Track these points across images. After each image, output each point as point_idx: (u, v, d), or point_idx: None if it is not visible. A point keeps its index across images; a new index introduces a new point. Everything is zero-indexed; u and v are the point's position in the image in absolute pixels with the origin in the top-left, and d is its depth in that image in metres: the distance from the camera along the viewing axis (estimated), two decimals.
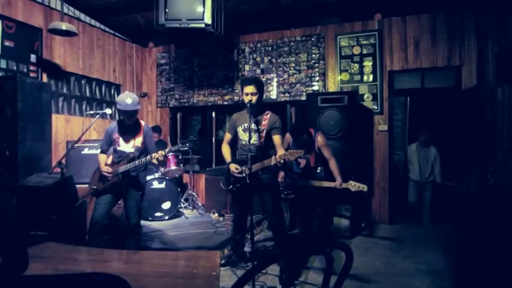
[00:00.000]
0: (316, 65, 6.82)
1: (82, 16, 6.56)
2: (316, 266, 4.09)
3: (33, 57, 5.58)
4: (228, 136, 4.15)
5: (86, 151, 5.33)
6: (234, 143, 4.16)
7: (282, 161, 3.67)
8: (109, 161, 4.04)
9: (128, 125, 3.95)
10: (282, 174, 4.38)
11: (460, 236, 4.98)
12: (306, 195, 4.52)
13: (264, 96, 6.65)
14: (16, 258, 1.54)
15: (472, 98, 5.59)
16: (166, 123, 8.01)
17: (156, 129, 7.10)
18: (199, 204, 6.83)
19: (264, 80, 7.03)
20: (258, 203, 4.07)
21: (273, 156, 3.70)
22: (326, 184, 4.40)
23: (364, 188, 4.23)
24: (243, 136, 3.92)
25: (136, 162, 3.81)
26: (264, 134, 3.87)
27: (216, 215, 6.26)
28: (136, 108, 3.88)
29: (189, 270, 1.98)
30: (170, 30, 5.61)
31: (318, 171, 4.67)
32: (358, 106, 6.03)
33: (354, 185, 4.28)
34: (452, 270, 3.95)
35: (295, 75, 6.97)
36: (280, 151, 3.75)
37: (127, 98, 3.82)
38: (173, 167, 6.51)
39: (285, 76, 7.03)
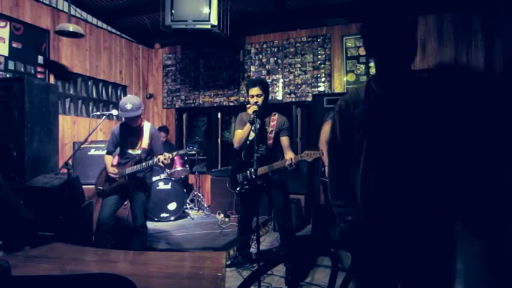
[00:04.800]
0: (322, 65, 6.81)
1: (89, 18, 6.60)
2: (323, 267, 4.08)
3: (40, 59, 5.62)
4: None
5: (92, 152, 5.35)
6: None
7: (295, 163, 3.65)
8: (115, 162, 4.05)
9: (134, 127, 3.97)
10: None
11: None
12: None
13: (270, 97, 6.69)
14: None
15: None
16: (172, 124, 8.03)
17: (163, 129, 7.13)
18: (205, 205, 6.84)
19: (269, 81, 7.03)
20: (264, 204, 4.05)
21: (288, 157, 3.67)
22: None
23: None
24: (251, 137, 3.89)
25: (143, 164, 3.83)
26: (272, 135, 3.86)
27: (222, 215, 6.26)
28: (137, 114, 3.85)
29: (194, 271, 1.98)
30: (176, 31, 5.62)
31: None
32: None
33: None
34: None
35: (301, 76, 6.96)
36: (289, 153, 3.75)
37: (127, 104, 3.79)
38: (179, 168, 6.53)
39: (291, 77, 7.03)
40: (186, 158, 6.71)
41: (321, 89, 6.80)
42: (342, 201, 1.75)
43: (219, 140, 7.90)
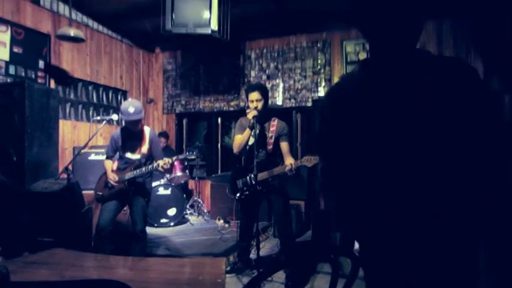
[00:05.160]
0: (322, 70, 6.82)
1: (90, 22, 6.61)
2: (323, 273, 4.06)
3: (41, 64, 5.63)
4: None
5: (92, 157, 5.35)
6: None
7: (296, 168, 3.65)
8: (114, 167, 4.05)
9: (134, 131, 3.97)
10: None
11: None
12: None
13: (270, 102, 6.70)
14: None
15: None
16: (172, 129, 8.03)
17: (163, 135, 7.13)
18: (205, 211, 6.82)
19: (269, 86, 7.04)
20: (263, 210, 4.04)
21: (288, 163, 3.67)
22: None
23: None
24: (250, 142, 3.88)
25: (143, 169, 3.82)
26: (272, 140, 3.86)
27: (222, 221, 6.25)
28: (139, 118, 3.86)
29: (194, 277, 1.97)
30: (177, 36, 5.64)
31: None
32: None
33: None
34: None
35: (300, 81, 6.97)
36: (289, 159, 3.75)
37: (129, 107, 3.81)
38: (179, 173, 6.52)
39: (291, 82, 7.04)
40: (186, 163, 6.71)
41: (321, 94, 6.80)
42: (334, 203, 1.57)
43: (219, 145, 7.90)
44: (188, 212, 6.82)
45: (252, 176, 3.62)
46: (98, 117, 6.32)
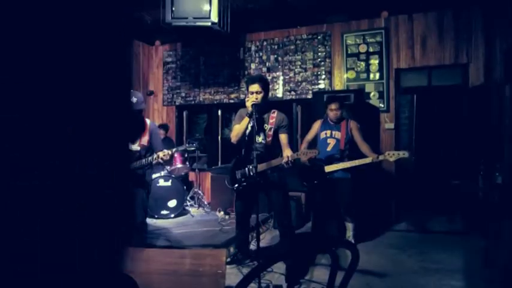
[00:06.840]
0: (322, 63, 6.80)
1: None
2: (323, 264, 4.09)
3: None
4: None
5: None
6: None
7: (292, 161, 3.65)
8: None
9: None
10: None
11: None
12: (327, 186, 4.47)
13: (270, 94, 6.70)
14: None
15: (479, 96, 5.56)
16: (172, 121, 8.03)
17: (163, 127, 7.13)
18: (205, 203, 6.84)
19: (270, 78, 7.02)
20: (263, 201, 4.05)
21: (285, 155, 3.67)
22: (359, 162, 4.26)
23: (404, 154, 4.02)
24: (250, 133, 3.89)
25: (143, 161, 3.83)
26: (271, 132, 3.86)
27: (222, 213, 6.27)
28: (142, 108, 3.87)
29: (195, 268, 1.98)
30: (177, 28, 5.61)
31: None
32: (365, 104, 6.00)
33: (392, 155, 4.05)
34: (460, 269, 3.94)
35: (301, 74, 6.96)
36: (287, 151, 3.75)
37: (132, 98, 3.81)
38: (179, 165, 6.53)
39: (291, 74, 7.02)
40: (186, 155, 6.72)
41: (321, 86, 6.79)
42: None
43: (219, 137, 7.90)
44: (188, 203, 6.84)
45: (251, 167, 3.63)
46: None
